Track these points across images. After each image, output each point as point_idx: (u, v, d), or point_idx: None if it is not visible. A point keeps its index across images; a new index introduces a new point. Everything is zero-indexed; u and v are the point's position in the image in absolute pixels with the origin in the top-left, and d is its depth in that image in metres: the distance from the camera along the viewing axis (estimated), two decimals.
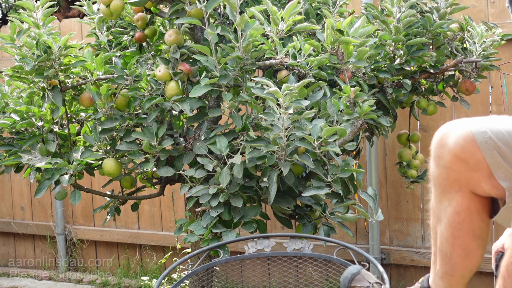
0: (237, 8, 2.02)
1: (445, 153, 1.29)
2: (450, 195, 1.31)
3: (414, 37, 2.42)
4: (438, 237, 1.39)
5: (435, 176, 1.34)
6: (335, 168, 2.01)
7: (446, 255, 1.38)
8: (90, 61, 2.28)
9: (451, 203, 1.32)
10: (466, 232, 1.33)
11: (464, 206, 1.31)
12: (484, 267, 3.17)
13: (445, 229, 1.35)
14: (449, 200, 1.32)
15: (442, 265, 1.40)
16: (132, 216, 4.05)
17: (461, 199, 1.30)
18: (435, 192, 1.36)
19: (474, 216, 1.32)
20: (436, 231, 1.40)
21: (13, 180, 4.43)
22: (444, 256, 1.38)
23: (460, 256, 1.36)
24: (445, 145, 1.29)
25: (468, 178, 1.27)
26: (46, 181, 2.20)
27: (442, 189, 1.33)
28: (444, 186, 1.32)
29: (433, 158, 1.34)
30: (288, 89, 1.88)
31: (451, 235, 1.34)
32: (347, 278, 1.52)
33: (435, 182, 1.35)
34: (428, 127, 3.26)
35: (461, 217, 1.32)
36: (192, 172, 2.15)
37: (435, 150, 1.33)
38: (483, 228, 1.34)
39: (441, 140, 1.31)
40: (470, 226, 1.32)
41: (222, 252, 1.97)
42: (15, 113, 2.33)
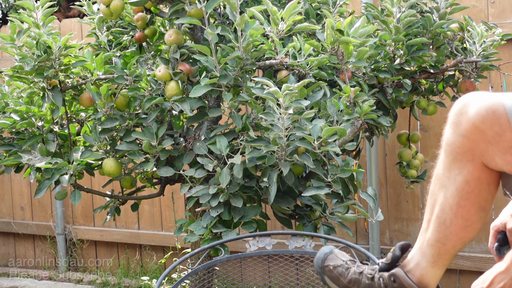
0: (237, 8, 2.02)
1: (463, 121, 1.27)
2: (462, 163, 1.29)
3: (414, 37, 2.42)
4: (439, 204, 1.35)
5: (448, 142, 1.31)
6: (335, 168, 2.01)
7: (444, 223, 1.35)
8: (90, 61, 2.28)
9: (462, 171, 1.30)
10: (472, 202, 1.31)
11: (475, 176, 1.29)
12: (484, 267, 3.18)
13: (451, 197, 1.32)
14: (460, 168, 1.30)
15: (436, 232, 1.37)
16: (132, 216, 4.05)
17: (472, 169, 1.29)
18: (445, 159, 1.33)
19: (483, 187, 1.30)
20: (437, 198, 1.37)
21: (13, 180, 4.43)
22: (442, 223, 1.35)
23: (460, 226, 1.34)
24: (465, 113, 1.27)
25: (483, 150, 1.25)
26: (46, 181, 2.20)
27: (454, 157, 1.30)
28: (457, 154, 1.29)
29: (450, 125, 1.31)
30: (288, 89, 1.88)
31: (456, 204, 1.32)
32: (320, 258, 1.50)
33: (447, 148, 1.32)
34: (428, 127, 3.26)
35: (471, 187, 1.30)
36: (192, 172, 2.15)
37: (453, 116, 1.30)
38: (489, 200, 1.32)
39: (463, 108, 1.28)
40: (478, 197, 1.31)
41: (222, 251, 1.97)
42: (15, 113, 2.33)
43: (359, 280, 1.45)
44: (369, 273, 1.45)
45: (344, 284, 1.46)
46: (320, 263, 1.50)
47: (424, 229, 1.42)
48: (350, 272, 1.46)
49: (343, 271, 1.47)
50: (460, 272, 3.30)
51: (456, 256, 3.24)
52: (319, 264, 1.50)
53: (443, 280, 3.34)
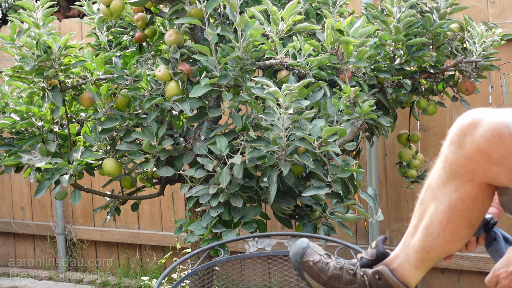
0: (237, 8, 2.02)
1: (468, 143, 1.25)
2: (460, 182, 1.28)
3: (414, 37, 2.42)
4: (429, 216, 1.35)
5: (449, 161, 1.29)
6: (335, 168, 2.01)
7: (431, 234, 1.35)
8: (90, 61, 2.28)
9: (458, 189, 1.29)
10: (463, 219, 1.31)
11: (471, 195, 1.29)
12: (484, 267, 3.18)
13: (442, 212, 1.32)
14: (457, 186, 1.29)
15: (422, 241, 1.37)
16: (132, 216, 4.05)
17: (470, 188, 1.28)
18: (443, 174, 1.31)
19: (477, 205, 1.30)
20: (427, 208, 1.36)
21: (13, 180, 4.43)
22: (429, 234, 1.35)
23: (447, 240, 1.34)
24: (469, 135, 1.25)
25: (486, 170, 1.25)
26: (46, 181, 2.20)
27: (452, 175, 1.29)
28: (456, 173, 1.28)
29: (451, 143, 1.29)
30: (288, 89, 1.88)
31: (446, 219, 1.32)
32: (298, 254, 1.44)
33: (446, 165, 1.30)
34: (428, 127, 3.26)
35: (465, 204, 1.30)
36: (192, 172, 2.15)
37: (456, 136, 1.27)
38: (479, 218, 1.33)
39: (466, 128, 1.26)
40: (469, 214, 1.31)
41: (222, 251, 1.97)
42: (15, 113, 2.33)
43: (340, 276, 1.42)
44: (350, 268, 1.42)
45: (325, 280, 1.42)
46: (298, 259, 1.44)
47: (411, 233, 1.41)
48: (330, 268, 1.43)
49: (323, 267, 1.43)
50: (460, 272, 3.30)
51: (456, 256, 3.25)
52: (297, 260, 1.44)
53: (443, 280, 3.34)
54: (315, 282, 1.42)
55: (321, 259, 1.44)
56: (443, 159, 1.31)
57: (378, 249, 1.44)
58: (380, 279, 1.39)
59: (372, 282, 1.40)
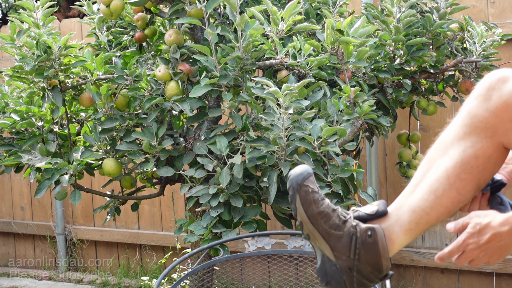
0: (237, 8, 2.02)
1: (495, 97, 1.20)
2: (479, 138, 1.22)
3: (414, 37, 2.42)
4: (435, 172, 1.26)
5: (471, 114, 1.23)
6: (335, 168, 2.01)
7: (434, 192, 1.25)
8: (90, 61, 2.28)
9: (475, 146, 1.23)
10: (472, 178, 1.24)
11: (487, 153, 1.23)
12: (484, 267, 3.18)
13: (452, 167, 1.23)
14: (474, 142, 1.23)
15: (423, 200, 1.27)
16: (132, 216, 4.05)
17: (487, 146, 1.22)
18: (460, 129, 1.25)
19: (489, 166, 1.24)
20: (433, 164, 1.27)
21: (13, 180, 4.43)
22: (432, 192, 1.26)
23: (451, 199, 1.25)
24: (498, 89, 1.20)
25: (507, 130, 1.20)
26: (46, 181, 2.20)
27: (472, 129, 1.23)
28: (476, 127, 1.22)
29: (477, 97, 1.23)
30: (288, 89, 1.88)
31: (455, 175, 1.23)
32: (302, 175, 1.31)
33: (466, 119, 1.24)
34: (428, 127, 3.26)
35: (478, 162, 1.23)
36: (192, 172, 2.15)
37: (484, 89, 1.23)
38: (487, 181, 1.27)
39: (496, 83, 1.21)
40: (480, 175, 1.24)
41: (222, 251, 1.97)
42: (15, 113, 2.33)
43: (330, 217, 1.30)
44: (342, 214, 1.32)
45: (314, 213, 1.30)
46: (300, 180, 1.31)
47: (409, 192, 1.31)
48: (325, 204, 1.31)
49: (319, 200, 1.31)
50: (460, 272, 3.30)
51: None
52: (298, 181, 1.31)
53: (443, 280, 3.34)
54: (302, 211, 1.30)
55: (319, 192, 1.33)
56: (464, 113, 1.26)
57: (380, 207, 1.33)
58: (371, 237, 1.29)
59: (361, 236, 1.29)
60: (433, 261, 3.31)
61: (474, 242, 1.21)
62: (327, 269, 1.32)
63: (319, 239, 1.31)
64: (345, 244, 1.29)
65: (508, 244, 1.20)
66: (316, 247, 1.34)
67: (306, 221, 1.30)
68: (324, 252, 1.32)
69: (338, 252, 1.30)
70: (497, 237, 1.19)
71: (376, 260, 1.29)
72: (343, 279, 1.31)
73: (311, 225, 1.30)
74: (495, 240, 1.20)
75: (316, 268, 1.34)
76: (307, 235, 1.32)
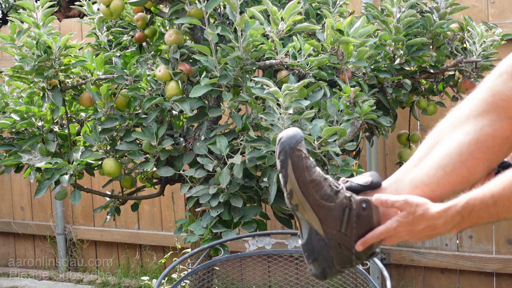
0: (237, 8, 2.02)
1: None
2: (499, 117, 1.14)
3: (414, 37, 2.42)
4: (447, 147, 1.17)
5: (493, 92, 1.16)
6: (335, 168, 2.01)
7: (444, 168, 1.17)
8: (90, 61, 2.28)
9: (494, 125, 1.15)
10: (486, 158, 1.15)
11: (505, 134, 1.14)
12: (484, 267, 3.18)
13: (466, 144, 1.15)
14: (494, 121, 1.15)
15: (429, 176, 1.18)
16: (132, 216, 4.05)
17: (506, 127, 1.14)
18: (479, 105, 1.17)
19: (505, 148, 1.16)
20: (443, 139, 1.19)
21: (13, 180, 4.43)
22: (441, 168, 1.17)
23: (461, 178, 1.16)
24: None
25: None
26: (46, 181, 2.20)
27: (492, 107, 1.15)
28: (497, 106, 1.15)
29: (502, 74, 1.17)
30: (288, 89, 1.88)
31: (469, 153, 1.14)
32: (295, 138, 1.19)
33: (488, 96, 1.16)
34: (428, 127, 3.25)
35: (495, 142, 1.15)
36: (192, 172, 2.15)
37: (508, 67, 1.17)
38: (498, 163, 1.18)
39: None
40: (494, 156, 1.16)
41: (222, 250, 1.97)
42: (15, 113, 2.33)
43: (322, 186, 1.19)
44: (334, 184, 1.20)
45: (305, 181, 1.18)
46: (292, 143, 1.19)
47: (411, 166, 1.22)
48: (316, 172, 1.20)
49: (311, 167, 1.19)
50: (460, 272, 3.30)
51: (456, 256, 3.25)
52: (291, 144, 1.18)
53: (443, 280, 3.34)
54: (293, 177, 1.19)
55: (311, 158, 1.21)
56: (485, 89, 1.18)
57: (374, 178, 1.23)
58: (365, 210, 1.19)
59: (354, 208, 1.19)
60: (433, 261, 3.31)
61: (406, 230, 1.16)
62: (314, 244, 1.21)
63: (308, 210, 1.20)
64: (336, 217, 1.19)
65: (441, 232, 1.16)
66: (303, 219, 1.23)
67: (297, 190, 1.19)
68: (312, 225, 1.21)
69: (327, 226, 1.19)
70: (431, 228, 1.15)
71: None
72: (331, 255, 1.20)
73: (301, 195, 1.19)
74: (428, 230, 1.15)
75: (302, 243, 1.22)
76: (295, 206, 1.20)
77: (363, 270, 1.88)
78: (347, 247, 1.20)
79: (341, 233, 1.19)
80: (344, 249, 1.20)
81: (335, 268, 1.21)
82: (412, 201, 1.15)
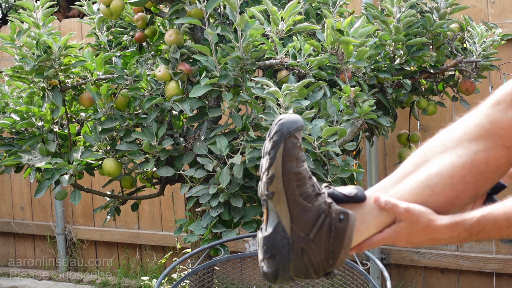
0: (237, 8, 2.02)
1: None
2: (494, 144, 1.12)
3: (414, 37, 2.42)
4: (436, 166, 1.11)
5: (491, 119, 1.13)
6: (335, 168, 2.01)
7: (432, 188, 1.12)
8: (90, 61, 2.28)
9: (489, 150, 1.11)
10: (476, 184, 1.11)
11: (498, 162, 1.12)
12: (484, 267, 3.18)
13: (459, 166, 1.10)
14: (488, 147, 1.12)
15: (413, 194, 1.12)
16: (132, 216, 4.05)
17: (501, 155, 1.12)
18: (475, 130, 1.13)
19: (495, 176, 1.13)
20: (433, 158, 1.13)
21: (13, 180, 4.43)
22: (429, 187, 1.12)
23: (447, 200, 1.12)
24: None
25: None
26: (46, 181, 2.20)
27: (488, 134, 1.12)
28: (493, 134, 1.12)
29: (500, 103, 1.13)
30: (288, 89, 1.88)
31: (461, 176, 1.10)
32: (296, 124, 1.11)
33: (485, 122, 1.13)
34: (428, 127, 3.26)
35: (487, 168, 1.12)
36: (192, 172, 2.15)
37: (509, 95, 1.13)
38: (487, 189, 1.16)
39: None
40: (484, 182, 1.13)
41: (222, 251, 1.97)
42: (15, 113, 2.33)
43: (304, 183, 1.12)
44: (317, 186, 1.13)
45: (291, 170, 1.11)
46: (292, 128, 1.11)
47: (394, 181, 1.15)
48: (304, 167, 1.13)
49: (301, 159, 1.12)
50: (460, 272, 3.30)
51: (456, 256, 3.25)
52: (290, 128, 1.11)
53: (443, 280, 3.34)
54: (280, 162, 1.11)
55: (303, 151, 1.14)
56: (481, 115, 1.14)
57: (359, 191, 1.16)
58: (341, 222, 1.11)
59: (330, 217, 1.11)
60: (433, 261, 3.31)
61: (405, 240, 1.12)
62: (277, 240, 1.12)
63: (283, 203, 1.11)
64: (309, 220, 1.11)
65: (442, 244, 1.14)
66: (273, 210, 1.13)
67: (279, 176, 1.11)
68: (281, 220, 1.12)
69: (297, 226, 1.11)
70: (433, 241, 1.12)
71: (336, 250, 1.12)
72: (290, 258, 1.11)
73: (281, 183, 1.11)
74: (429, 241, 1.12)
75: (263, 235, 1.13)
76: (271, 193, 1.12)
77: (363, 270, 1.88)
78: (309, 255, 1.11)
79: (308, 238, 1.11)
80: (306, 256, 1.11)
81: (288, 273, 1.13)
82: (414, 210, 1.10)
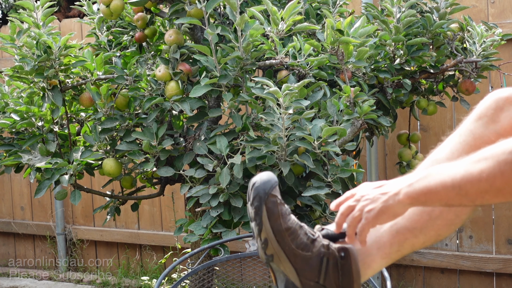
0: (237, 8, 2.02)
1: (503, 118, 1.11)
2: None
3: (414, 37, 2.42)
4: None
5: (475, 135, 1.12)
6: (335, 168, 2.01)
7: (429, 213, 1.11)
8: (90, 61, 2.28)
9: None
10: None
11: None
12: (484, 267, 3.18)
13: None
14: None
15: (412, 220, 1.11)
16: (132, 216, 4.05)
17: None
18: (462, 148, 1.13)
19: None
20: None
21: (13, 180, 4.43)
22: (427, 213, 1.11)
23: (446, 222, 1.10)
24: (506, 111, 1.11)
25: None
26: (46, 181, 2.20)
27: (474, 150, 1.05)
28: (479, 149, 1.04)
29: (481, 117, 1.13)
30: (288, 89, 1.88)
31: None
32: (269, 183, 1.12)
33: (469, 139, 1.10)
34: (428, 127, 3.25)
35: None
36: (192, 172, 2.15)
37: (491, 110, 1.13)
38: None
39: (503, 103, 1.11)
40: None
41: (222, 251, 1.97)
42: (15, 113, 2.33)
43: (297, 234, 1.12)
44: (310, 232, 1.14)
45: (280, 229, 1.11)
46: (267, 188, 1.11)
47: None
48: (291, 219, 1.13)
49: (286, 214, 1.12)
50: (460, 272, 3.30)
51: (456, 256, 3.25)
52: (265, 189, 1.11)
53: (443, 280, 3.34)
54: (269, 225, 1.11)
55: (285, 205, 1.15)
56: (466, 132, 1.14)
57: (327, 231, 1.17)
58: (344, 259, 1.11)
59: (332, 258, 1.11)
60: (433, 261, 3.31)
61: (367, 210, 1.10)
62: None
63: (284, 261, 1.12)
64: (314, 267, 1.11)
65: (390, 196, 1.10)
66: (278, 271, 1.15)
67: (272, 239, 1.11)
68: (289, 277, 1.13)
69: (305, 277, 1.12)
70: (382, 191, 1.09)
71: (348, 286, 1.12)
72: None
73: (276, 244, 1.11)
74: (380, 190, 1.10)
75: None
76: (270, 256, 1.13)
77: None
78: None
79: (319, 284, 1.12)
80: None
81: None
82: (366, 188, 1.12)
